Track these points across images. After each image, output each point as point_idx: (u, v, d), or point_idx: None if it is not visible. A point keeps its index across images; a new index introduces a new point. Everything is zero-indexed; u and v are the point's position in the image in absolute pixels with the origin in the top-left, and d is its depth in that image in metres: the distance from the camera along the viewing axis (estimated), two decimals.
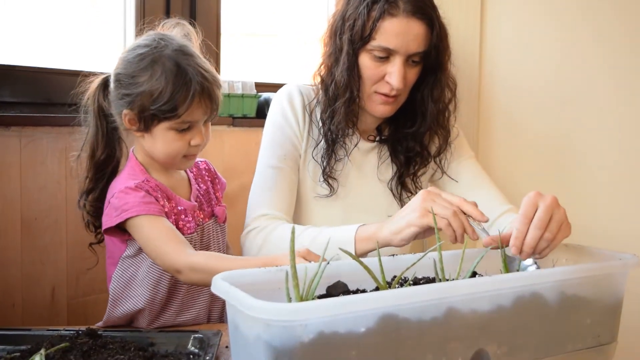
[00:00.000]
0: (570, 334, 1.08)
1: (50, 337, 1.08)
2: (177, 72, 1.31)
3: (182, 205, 1.41)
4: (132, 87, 1.33)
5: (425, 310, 0.91)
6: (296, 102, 1.65)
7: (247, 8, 2.37)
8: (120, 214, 1.31)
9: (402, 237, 1.30)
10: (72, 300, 1.76)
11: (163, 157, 1.38)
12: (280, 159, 1.61)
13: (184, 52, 1.35)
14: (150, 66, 1.32)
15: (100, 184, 1.44)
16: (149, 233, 1.31)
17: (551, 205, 1.16)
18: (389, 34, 1.49)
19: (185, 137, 1.35)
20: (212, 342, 1.13)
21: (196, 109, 1.33)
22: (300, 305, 0.82)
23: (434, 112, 1.62)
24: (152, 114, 1.32)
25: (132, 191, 1.33)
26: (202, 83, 1.32)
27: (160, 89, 1.30)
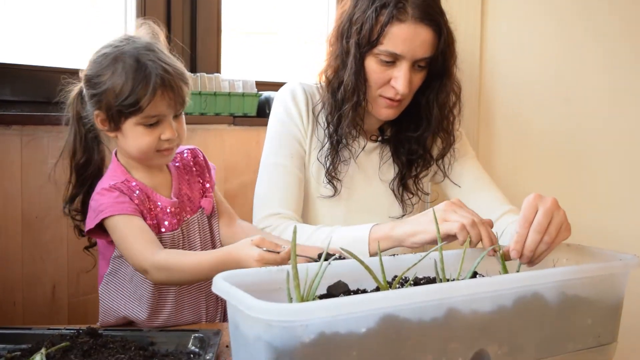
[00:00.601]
0: (570, 334, 1.08)
1: (50, 336, 1.08)
2: (136, 67, 1.32)
3: (162, 203, 1.41)
4: (98, 87, 1.35)
5: (426, 310, 0.91)
6: (300, 100, 1.65)
7: (248, 6, 2.36)
8: (97, 215, 1.33)
9: (415, 241, 1.33)
10: (73, 298, 1.76)
11: (136, 154, 1.39)
12: (287, 157, 1.61)
13: (147, 49, 1.36)
14: (112, 64, 1.34)
15: (83, 189, 1.45)
16: (121, 232, 1.33)
17: (551, 208, 1.16)
18: (397, 39, 1.49)
19: (154, 131, 1.36)
20: (212, 341, 1.13)
21: (159, 102, 1.33)
22: (301, 306, 0.82)
23: (439, 116, 1.62)
24: (118, 111, 1.33)
25: (107, 192, 1.35)
26: (163, 76, 1.33)
27: (121, 85, 1.32)
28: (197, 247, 1.46)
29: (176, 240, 1.42)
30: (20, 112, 1.67)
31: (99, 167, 1.46)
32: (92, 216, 1.35)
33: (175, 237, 1.41)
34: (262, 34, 2.44)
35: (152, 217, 1.39)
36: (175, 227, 1.42)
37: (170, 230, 1.40)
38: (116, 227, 1.33)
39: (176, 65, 1.38)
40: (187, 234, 1.45)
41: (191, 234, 1.46)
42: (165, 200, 1.41)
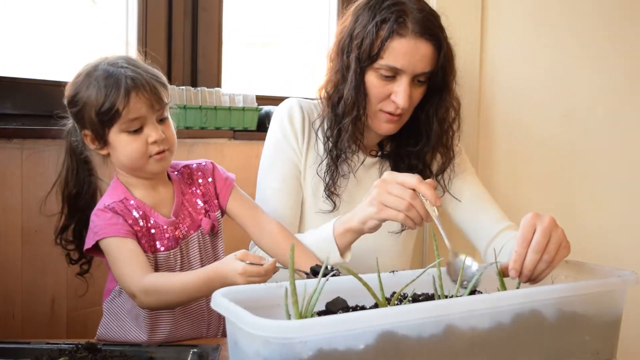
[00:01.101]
0: (569, 351, 1.08)
1: (49, 351, 1.08)
2: (106, 75, 1.34)
3: (159, 222, 1.41)
4: (77, 104, 1.37)
5: (424, 327, 0.91)
6: (296, 119, 1.65)
7: (248, 18, 2.37)
8: (93, 237, 1.35)
9: (369, 227, 1.39)
10: (72, 312, 1.75)
11: (129, 163, 1.39)
12: (280, 180, 1.63)
13: (118, 59, 1.38)
14: (85, 80, 1.36)
15: (74, 220, 1.47)
16: (113, 255, 1.34)
17: (549, 227, 1.16)
18: (397, 54, 1.50)
19: (140, 137, 1.36)
20: (211, 356, 1.13)
21: (136, 104, 1.33)
22: (299, 323, 0.82)
23: (438, 131, 1.62)
24: (99, 123, 1.35)
25: (101, 213, 1.37)
26: (134, 77, 1.34)
27: (95, 95, 1.33)
28: (197, 265, 1.46)
29: (173, 259, 1.42)
30: (21, 125, 1.68)
31: (90, 198, 1.47)
32: (90, 236, 1.37)
33: (172, 256, 1.41)
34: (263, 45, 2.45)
35: (148, 237, 1.39)
36: (173, 246, 1.42)
37: (167, 250, 1.40)
38: (109, 250, 1.34)
39: (148, 69, 1.39)
40: (187, 253, 1.45)
41: (191, 252, 1.45)
42: (162, 220, 1.41)
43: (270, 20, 2.46)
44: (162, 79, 1.41)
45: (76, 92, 1.37)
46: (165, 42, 2.04)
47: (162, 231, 1.40)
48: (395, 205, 1.30)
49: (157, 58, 1.59)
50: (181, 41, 2.09)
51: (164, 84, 1.40)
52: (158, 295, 1.28)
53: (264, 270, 1.17)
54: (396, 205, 1.29)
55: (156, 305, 1.32)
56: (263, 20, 2.43)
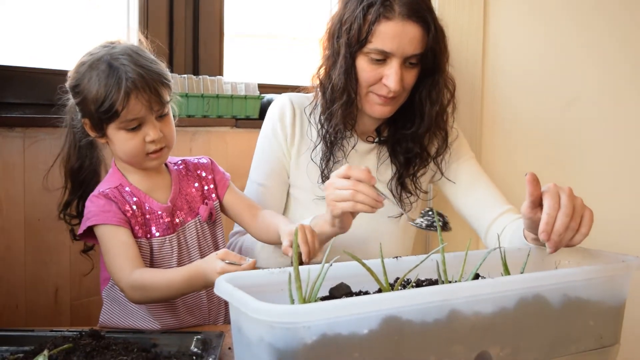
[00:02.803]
0: (573, 336, 1.08)
1: (53, 338, 1.08)
2: (108, 72, 1.33)
3: (153, 207, 1.41)
4: (79, 96, 1.37)
5: (428, 312, 0.91)
6: (286, 117, 1.67)
7: (249, 9, 2.37)
8: (85, 222, 1.36)
9: (337, 228, 1.40)
10: (75, 301, 1.76)
11: (125, 158, 1.40)
12: (265, 176, 1.67)
13: (122, 53, 1.36)
14: (88, 72, 1.35)
15: (77, 194, 1.47)
16: (105, 245, 1.35)
17: (571, 195, 1.17)
18: (385, 37, 1.49)
19: (137, 135, 1.36)
20: (215, 343, 1.13)
21: (134, 106, 1.33)
22: (303, 308, 0.82)
23: (432, 113, 1.62)
24: (98, 118, 1.35)
25: (95, 199, 1.37)
26: (135, 79, 1.32)
27: (96, 92, 1.33)
28: (196, 252, 1.47)
29: (169, 245, 1.42)
30: (22, 114, 1.68)
31: (93, 172, 1.47)
32: (83, 222, 1.38)
33: (168, 242, 1.42)
34: (264, 37, 2.44)
35: (142, 223, 1.39)
36: (170, 232, 1.42)
37: (163, 235, 1.41)
38: (101, 238, 1.35)
39: (151, 66, 1.37)
40: (185, 240, 1.45)
41: (189, 239, 1.46)
42: (157, 205, 1.42)
43: (271, 8, 2.45)
44: (165, 75, 1.40)
45: (78, 83, 1.36)
46: (167, 30, 2.04)
47: (157, 217, 1.41)
48: (342, 196, 1.32)
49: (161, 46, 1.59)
50: (183, 29, 2.08)
51: (166, 82, 1.39)
52: (144, 291, 1.29)
53: (242, 270, 1.17)
54: (343, 197, 1.32)
55: (143, 300, 1.33)
56: (264, 8, 2.42)
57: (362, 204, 1.31)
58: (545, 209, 1.15)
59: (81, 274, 1.74)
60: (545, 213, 1.14)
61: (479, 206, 1.67)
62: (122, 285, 1.31)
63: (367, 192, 1.31)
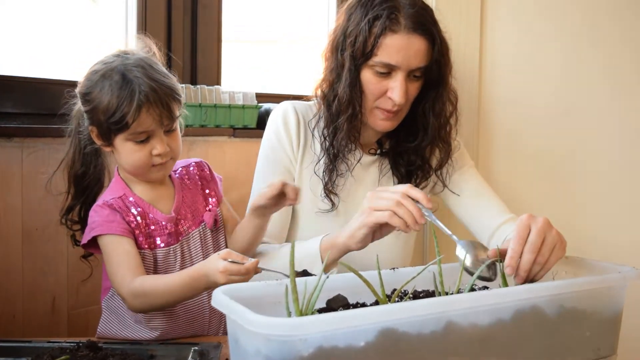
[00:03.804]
0: (570, 347, 1.08)
1: (50, 350, 1.08)
2: (122, 84, 1.33)
3: (158, 219, 1.42)
4: (89, 104, 1.36)
5: (425, 324, 0.91)
6: (291, 122, 1.65)
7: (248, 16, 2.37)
8: (89, 232, 1.36)
9: (357, 240, 1.35)
10: (73, 310, 1.76)
11: (130, 169, 1.40)
12: None
13: (136, 65, 1.36)
14: (100, 81, 1.35)
15: (80, 200, 1.47)
16: (108, 254, 1.34)
17: (543, 228, 1.17)
18: (391, 50, 1.49)
19: (145, 147, 1.37)
20: (212, 354, 1.13)
21: (145, 119, 1.33)
22: (299, 320, 0.83)
23: (436, 126, 1.62)
24: (107, 128, 1.35)
25: (99, 209, 1.37)
26: (147, 93, 1.33)
27: (107, 102, 1.33)
28: (199, 261, 1.45)
29: (173, 255, 1.42)
30: (21, 124, 1.68)
31: (97, 179, 1.47)
32: (87, 232, 1.37)
33: (172, 252, 1.42)
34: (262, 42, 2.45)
35: (146, 234, 1.39)
36: (173, 242, 1.42)
37: (167, 246, 1.41)
38: (105, 247, 1.35)
39: (164, 81, 1.38)
40: (189, 249, 1.45)
41: (192, 248, 1.46)
42: (161, 216, 1.42)
43: (269, 18, 2.46)
44: (177, 90, 1.40)
45: (89, 91, 1.36)
46: (165, 40, 2.04)
47: (161, 227, 1.41)
48: (384, 205, 1.29)
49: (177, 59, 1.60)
50: (181, 38, 2.08)
51: (177, 97, 1.40)
52: (145, 298, 1.28)
53: (244, 269, 1.17)
54: (385, 206, 1.29)
55: (144, 308, 1.32)
56: (262, 17, 2.43)
57: (399, 217, 1.27)
58: (511, 243, 1.15)
59: (79, 284, 1.74)
60: (510, 248, 1.15)
61: (481, 215, 1.67)
62: (123, 294, 1.30)
63: (411, 209, 1.26)
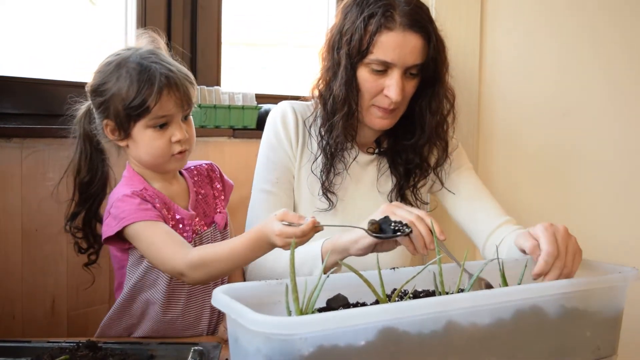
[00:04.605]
0: (570, 347, 1.08)
1: (50, 349, 1.08)
2: (140, 69, 1.34)
3: (180, 215, 1.41)
4: (104, 94, 1.36)
5: (425, 323, 0.91)
6: (289, 122, 1.65)
7: (247, 18, 2.37)
8: (119, 222, 1.32)
9: (359, 247, 1.30)
10: (73, 311, 1.75)
11: (149, 159, 1.39)
12: (273, 183, 1.63)
13: (149, 53, 1.38)
14: (116, 70, 1.35)
15: (85, 207, 1.46)
16: (148, 239, 1.31)
17: (565, 239, 1.17)
18: (386, 48, 1.49)
19: (164, 134, 1.37)
20: (212, 354, 1.13)
21: (166, 102, 1.34)
22: (299, 319, 0.83)
23: (433, 124, 1.62)
24: (126, 115, 1.34)
25: (129, 198, 1.34)
26: (168, 75, 1.34)
27: (127, 88, 1.33)
28: None
29: None
30: (20, 125, 1.67)
31: (102, 186, 1.46)
32: (112, 223, 1.33)
33: None
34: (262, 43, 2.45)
35: (174, 227, 1.39)
36: (190, 240, 1.41)
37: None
38: (140, 234, 1.31)
39: (180, 67, 1.40)
40: None
41: None
42: (183, 212, 1.42)
43: (269, 18, 2.46)
44: (192, 78, 1.41)
45: (104, 82, 1.36)
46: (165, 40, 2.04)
47: (182, 224, 1.40)
48: (402, 216, 1.25)
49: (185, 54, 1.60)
50: (180, 39, 2.08)
51: (193, 84, 1.41)
52: (206, 268, 1.25)
53: (300, 232, 1.14)
54: (403, 217, 1.24)
55: (205, 278, 1.28)
56: (262, 18, 2.43)
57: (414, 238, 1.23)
58: (544, 255, 1.15)
59: (78, 285, 1.74)
60: (542, 259, 1.14)
61: (478, 217, 1.67)
62: (180, 269, 1.26)
63: (424, 233, 1.21)
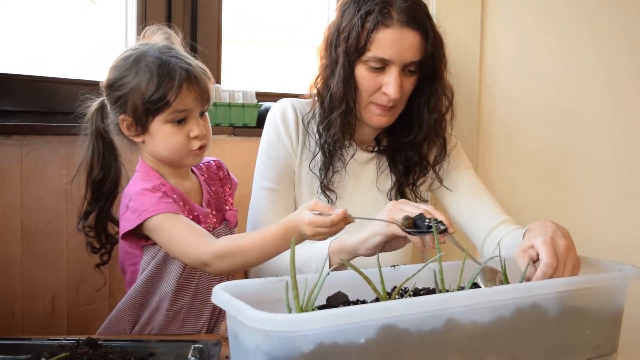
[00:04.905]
0: (570, 345, 1.08)
1: (50, 347, 1.08)
2: (160, 64, 1.34)
3: (196, 211, 1.42)
4: (122, 89, 1.35)
5: (425, 321, 0.91)
6: (289, 119, 1.65)
7: (249, 16, 2.37)
8: (140, 215, 1.30)
9: (368, 246, 1.30)
10: (72, 309, 1.75)
11: (168, 154, 1.38)
12: (274, 180, 1.62)
13: (166, 48, 1.39)
14: (134, 65, 1.35)
15: (98, 205, 1.45)
16: (170, 231, 1.29)
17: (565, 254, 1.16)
18: (384, 45, 1.49)
19: (183, 129, 1.36)
20: (212, 352, 1.13)
21: (186, 96, 1.34)
22: (300, 316, 0.82)
23: (431, 121, 1.62)
24: (145, 110, 1.34)
25: (149, 192, 1.33)
26: (188, 69, 1.35)
27: (146, 82, 1.33)
28: None
29: None
30: (20, 122, 1.67)
31: (115, 184, 1.46)
32: (131, 217, 1.32)
33: None
34: (262, 44, 2.45)
35: None
36: None
37: None
38: (162, 227, 1.30)
39: (198, 62, 1.40)
40: None
41: None
42: (199, 209, 1.42)
43: (269, 16, 2.45)
44: (209, 74, 1.42)
45: (122, 76, 1.36)
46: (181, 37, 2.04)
47: (199, 221, 1.40)
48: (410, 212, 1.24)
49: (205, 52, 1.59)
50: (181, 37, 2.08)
51: (211, 79, 1.41)
52: (232, 257, 1.24)
53: (329, 222, 1.14)
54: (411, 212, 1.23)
55: (229, 268, 1.28)
56: (262, 17, 2.43)
57: None
58: (542, 266, 1.14)
59: (79, 283, 1.74)
60: (540, 270, 1.13)
61: (476, 216, 1.67)
62: (205, 259, 1.25)
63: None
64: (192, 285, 1.43)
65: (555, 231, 1.21)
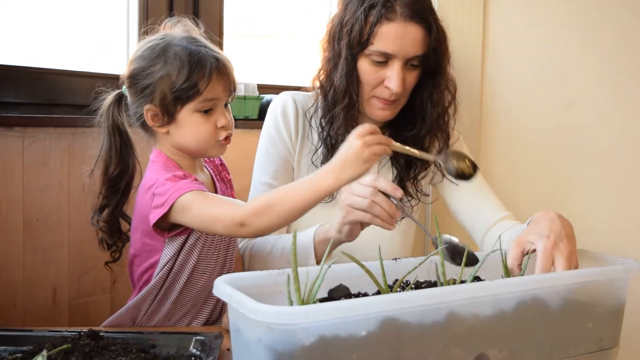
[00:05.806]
0: (571, 339, 1.08)
1: (52, 338, 1.08)
2: (189, 53, 1.34)
3: None
4: (150, 78, 1.34)
5: (426, 314, 0.91)
6: (289, 113, 1.65)
7: (250, 9, 2.37)
8: (172, 195, 1.27)
9: (345, 235, 1.37)
10: (74, 301, 1.76)
11: (195, 144, 1.38)
12: (272, 175, 1.63)
13: (191, 38, 1.39)
14: (162, 54, 1.35)
15: (114, 200, 1.44)
16: (201, 205, 1.27)
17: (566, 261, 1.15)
18: (387, 39, 1.49)
19: (210, 119, 1.37)
20: (213, 344, 1.13)
21: (216, 85, 1.35)
22: (301, 309, 0.82)
23: (434, 115, 1.62)
24: (174, 98, 1.33)
25: (175, 177, 1.31)
26: (217, 58, 1.36)
27: (177, 71, 1.33)
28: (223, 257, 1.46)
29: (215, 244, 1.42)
30: (22, 114, 1.67)
31: (131, 177, 1.45)
32: (159, 202, 1.29)
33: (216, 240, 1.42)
34: (264, 36, 2.44)
35: None
36: None
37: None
38: (194, 203, 1.27)
39: (223, 53, 1.40)
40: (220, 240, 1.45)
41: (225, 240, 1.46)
42: None
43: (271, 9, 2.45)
44: (232, 65, 1.42)
45: (149, 65, 1.35)
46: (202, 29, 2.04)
47: None
48: (359, 205, 1.28)
49: None
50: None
51: (234, 70, 1.41)
52: (272, 210, 1.21)
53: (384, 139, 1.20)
54: (360, 205, 1.28)
55: (267, 226, 1.24)
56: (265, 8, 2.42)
57: (378, 217, 1.27)
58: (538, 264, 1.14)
59: (80, 274, 1.75)
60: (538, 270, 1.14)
61: (477, 211, 1.67)
62: (242, 219, 1.22)
63: (385, 206, 1.26)
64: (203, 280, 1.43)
65: (559, 231, 1.20)
